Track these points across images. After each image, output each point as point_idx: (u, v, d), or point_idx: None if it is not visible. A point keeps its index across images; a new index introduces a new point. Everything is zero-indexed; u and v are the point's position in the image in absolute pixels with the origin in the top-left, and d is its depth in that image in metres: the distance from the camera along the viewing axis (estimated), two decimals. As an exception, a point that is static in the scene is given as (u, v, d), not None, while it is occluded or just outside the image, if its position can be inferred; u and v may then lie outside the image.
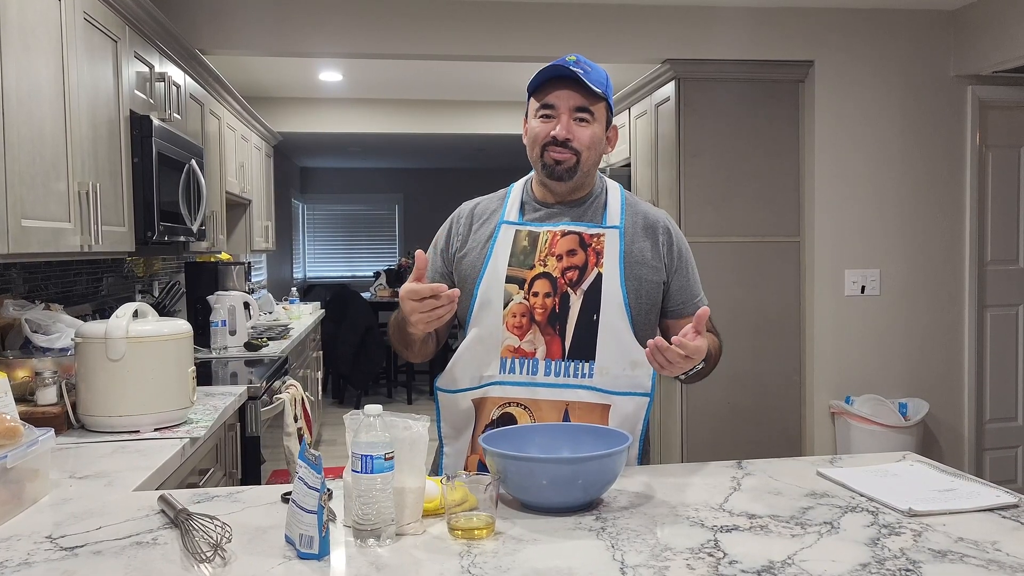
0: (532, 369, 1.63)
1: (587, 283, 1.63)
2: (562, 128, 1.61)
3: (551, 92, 1.62)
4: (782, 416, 4.04)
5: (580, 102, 1.62)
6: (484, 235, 1.71)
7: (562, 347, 1.62)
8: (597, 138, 1.65)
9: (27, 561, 1.18)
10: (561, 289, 1.63)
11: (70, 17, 2.17)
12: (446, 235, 1.77)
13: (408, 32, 3.72)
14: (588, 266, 1.64)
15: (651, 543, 1.20)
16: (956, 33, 3.93)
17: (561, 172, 1.63)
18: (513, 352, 1.63)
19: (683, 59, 3.86)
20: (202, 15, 3.60)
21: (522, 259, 1.65)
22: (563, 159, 1.62)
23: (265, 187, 5.71)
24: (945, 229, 3.99)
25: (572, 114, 1.62)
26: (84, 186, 2.21)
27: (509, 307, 1.64)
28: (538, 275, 1.64)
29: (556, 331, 1.63)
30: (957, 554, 1.16)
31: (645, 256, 1.69)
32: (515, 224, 1.69)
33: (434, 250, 1.77)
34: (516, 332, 1.63)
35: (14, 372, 2.08)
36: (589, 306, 1.62)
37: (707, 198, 3.94)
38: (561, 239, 1.66)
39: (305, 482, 1.16)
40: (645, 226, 1.72)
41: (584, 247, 1.65)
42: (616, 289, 1.63)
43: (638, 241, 1.69)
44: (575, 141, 1.62)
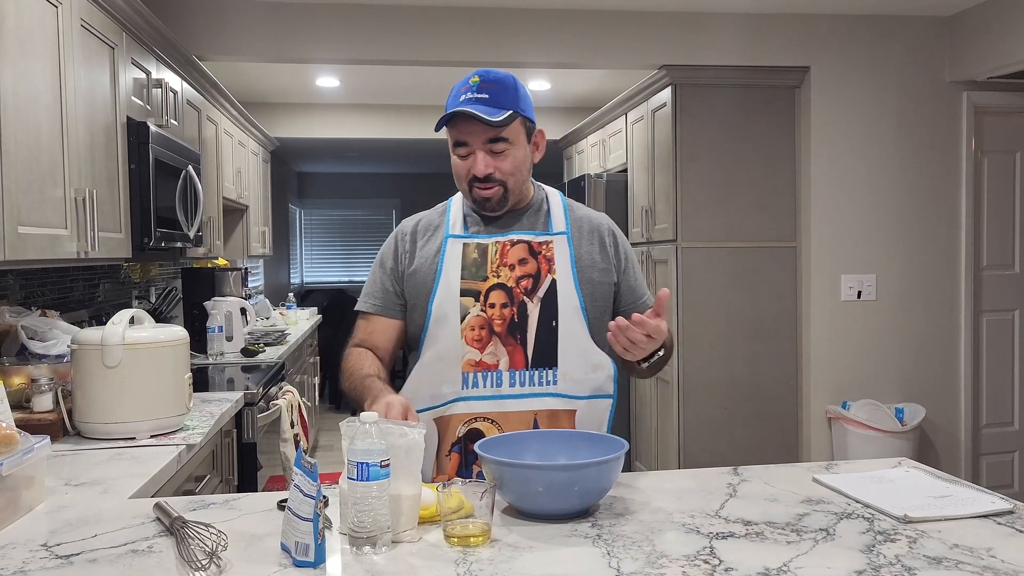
0: (496, 381, 1.61)
1: (542, 290, 1.63)
2: (480, 165, 1.59)
3: (460, 127, 1.60)
4: (779, 421, 4.04)
5: (490, 133, 1.58)
6: (431, 250, 1.68)
7: (525, 356, 1.61)
8: (519, 161, 1.63)
9: (22, 569, 1.17)
10: (517, 298, 1.62)
11: (67, 24, 2.17)
12: (392, 253, 1.73)
13: (405, 38, 3.73)
14: (541, 273, 1.63)
15: (647, 550, 1.20)
16: (951, 39, 3.94)
17: (492, 206, 1.63)
18: (475, 366, 1.61)
19: (679, 65, 3.87)
20: (199, 21, 3.60)
21: (474, 271, 1.63)
22: (490, 195, 1.62)
23: (262, 192, 5.71)
24: (941, 234, 4.00)
25: (486, 147, 1.59)
26: (81, 192, 2.21)
27: (466, 320, 1.61)
28: (493, 286, 1.62)
29: (517, 341, 1.61)
30: (952, 561, 1.16)
31: (595, 259, 1.69)
32: (462, 237, 1.66)
33: (382, 270, 1.73)
34: (476, 345, 1.61)
35: (10, 379, 2.07)
36: (547, 313, 1.62)
37: (704, 203, 3.94)
38: (512, 248, 1.64)
39: (301, 489, 1.16)
40: (590, 230, 1.72)
41: (534, 255, 1.64)
42: (571, 294, 1.63)
43: (585, 245, 1.70)
44: (497, 173, 1.60)
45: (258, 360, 3.63)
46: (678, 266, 3.94)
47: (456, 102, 1.59)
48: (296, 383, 4.16)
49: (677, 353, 3.95)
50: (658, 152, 4.13)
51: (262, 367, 3.45)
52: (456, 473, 1.61)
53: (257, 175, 5.45)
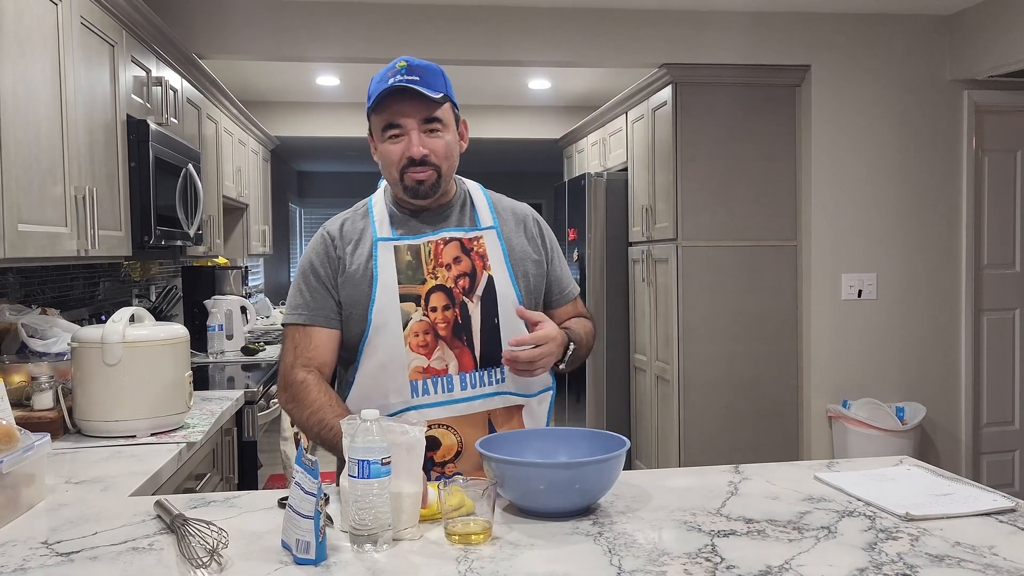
0: (447, 386, 1.56)
1: (480, 288, 1.59)
2: (416, 147, 1.54)
3: (393, 109, 1.55)
4: (779, 420, 4.04)
5: (426, 113, 1.55)
6: (362, 255, 1.60)
7: (473, 357, 1.58)
8: (452, 145, 1.60)
9: (23, 567, 1.17)
10: (458, 299, 1.58)
11: (67, 21, 2.16)
12: (324, 258, 1.62)
13: (405, 36, 3.72)
14: (477, 271, 1.60)
15: (648, 548, 1.20)
16: (952, 38, 3.94)
17: (425, 191, 1.58)
18: (423, 372, 1.55)
19: (680, 63, 3.86)
20: (199, 20, 3.60)
21: (411, 275, 1.57)
22: (424, 178, 1.56)
23: (262, 191, 5.70)
24: (942, 233, 4.00)
25: (421, 127, 1.55)
26: (81, 191, 2.21)
27: (409, 326, 1.55)
28: (432, 288, 1.57)
29: (464, 342, 1.57)
30: (954, 559, 1.16)
31: (526, 251, 1.68)
32: (391, 240, 1.60)
33: (315, 277, 1.61)
34: (422, 351, 1.55)
35: (10, 377, 2.07)
36: (488, 311, 1.59)
37: (704, 202, 3.94)
38: (445, 247, 1.60)
39: (302, 487, 1.16)
40: (516, 221, 1.70)
41: (467, 252, 1.61)
42: (509, 289, 1.61)
43: (515, 237, 1.68)
44: (432, 155, 1.56)
45: (258, 359, 3.63)
46: (678, 265, 3.94)
47: (385, 84, 1.54)
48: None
49: (678, 351, 3.95)
50: (658, 151, 4.13)
51: (262, 365, 3.44)
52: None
53: (257, 174, 5.45)
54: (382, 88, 1.54)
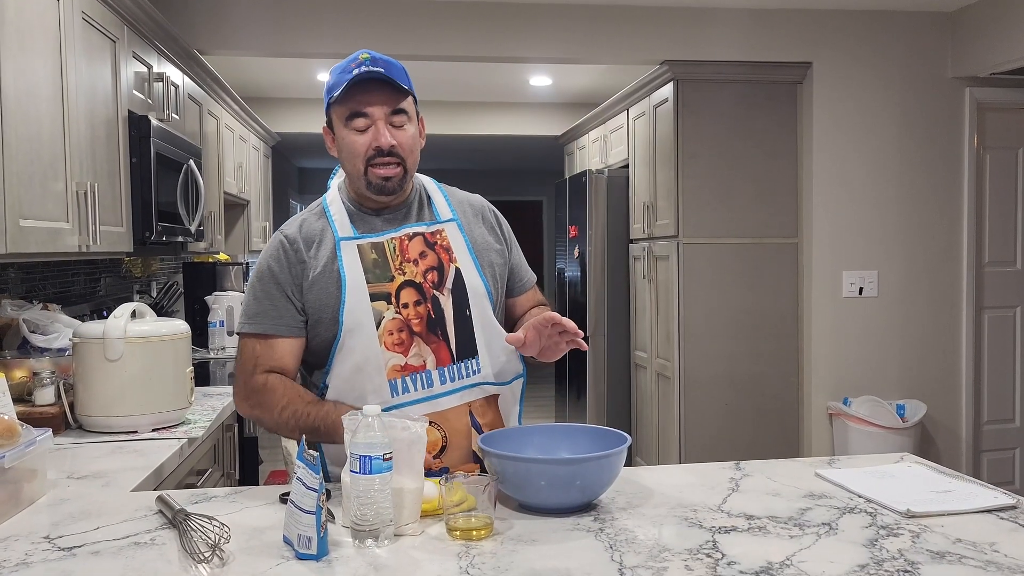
0: (427, 382, 1.53)
1: (450, 281, 1.58)
2: (384, 137, 1.51)
3: (359, 98, 1.51)
4: (780, 417, 4.04)
5: (393, 104, 1.53)
6: (324, 257, 1.55)
7: (449, 351, 1.56)
8: (415, 139, 1.58)
9: (25, 561, 1.17)
10: (428, 293, 1.56)
11: (68, 17, 2.16)
12: (284, 264, 1.56)
13: (405, 33, 3.72)
14: (443, 264, 1.59)
15: (649, 544, 1.20)
16: (954, 35, 3.94)
17: (392, 187, 1.55)
18: (401, 370, 1.52)
19: (681, 60, 3.86)
20: (201, 15, 3.59)
21: (378, 273, 1.54)
22: (392, 174, 1.53)
23: (263, 187, 5.70)
24: (943, 231, 4.00)
25: (388, 119, 1.53)
26: (82, 186, 2.21)
27: (383, 325, 1.52)
28: (402, 285, 1.55)
29: (439, 336, 1.55)
30: (955, 555, 1.16)
31: (488, 241, 1.67)
32: (354, 239, 1.56)
33: (273, 283, 1.55)
34: (398, 349, 1.52)
35: (12, 372, 2.08)
36: (459, 303, 1.58)
37: (705, 199, 3.94)
38: (410, 242, 1.58)
39: (303, 482, 1.16)
40: (474, 213, 1.70)
41: (431, 246, 1.59)
42: (477, 281, 1.60)
43: (475, 229, 1.67)
44: (399, 148, 1.53)
45: (259, 355, 3.62)
46: (679, 262, 3.93)
47: (349, 75, 1.51)
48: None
49: (679, 348, 3.95)
50: (660, 148, 4.13)
51: (263, 362, 3.44)
52: None
53: (258, 170, 5.45)
54: (347, 78, 1.51)
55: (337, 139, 1.58)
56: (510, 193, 9.92)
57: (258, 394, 1.53)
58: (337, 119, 1.56)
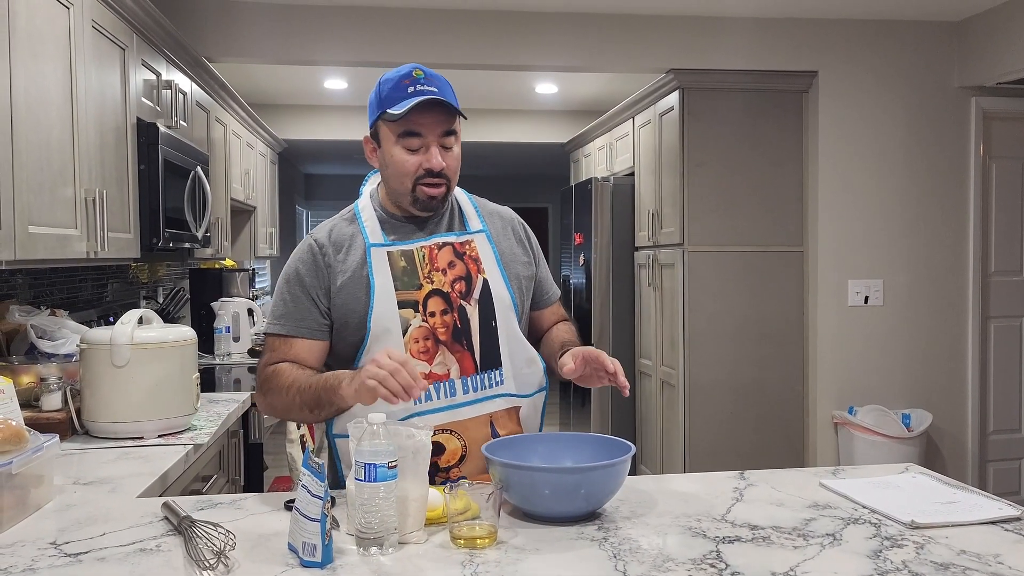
0: (450, 391, 1.55)
1: (477, 291, 1.59)
2: (437, 159, 1.54)
3: (414, 118, 1.52)
4: (785, 426, 4.04)
5: (447, 126, 1.55)
6: (354, 263, 1.57)
7: (473, 361, 1.57)
8: (460, 158, 1.61)
9: (31, 567, 1.18)
10: (456, 303, 1.57)
11: (78, 25, 2.18)
12: (311, 267, 1.59)
13: (413, 41, 3.74)
14: (471, 275, 1.60)
15: (653, 553, 1.20)
16: (960, 44, 3.94)
17: (436, 204, 1.58)
18: (425, 378, 1.49)
19: (687, 69, 3.87)
20: (209, 23, 3.62)
21: (406, 280, 1.56)
22: (437, 193, 1.56)
23: (270, 194, 5.72)
24: (949, 240, 3.99)
25: (439, 140, 1.55)
26: (91, 193, 2.22)
27: (409, 333, 1.53)
28: (430, 293, 1.56)
29: (464, 346, 1.56)
30: (959, 567, 1.16)
31: (516, 253, 1.69)
32: (384, 245, 1.58)
33: (300, 287, 1.58)
34: (423, 357, 1.54)
35: (19, 378, 2.08)
36: (485, 314, 1.59)
37: (711, 207, 3.94)
38: (439, 252, 1.59)
39: (308, 490, 1.17)
40: (503, 224, 1.71)
41: (459, 256, 1.61)
42: (504, 292, 1.61)
43: (504, 240, 1.68)
44: (447, 170, 1.56)
45: (265, 361, 3.63)
46: (684, 270, 3.94)
47: (406, 92, 1.52)
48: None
49: (683, 356, 3.95)
50: (665, 156, 4.13)
51: (269, 368, 3.45)
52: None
53: (265, 176, 5.47)
54: (404, 96, 1.52)
55: (384, 153, 1.59)
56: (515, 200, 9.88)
57: (269, 381, 1.56)
58: (387, 134, 1.57)
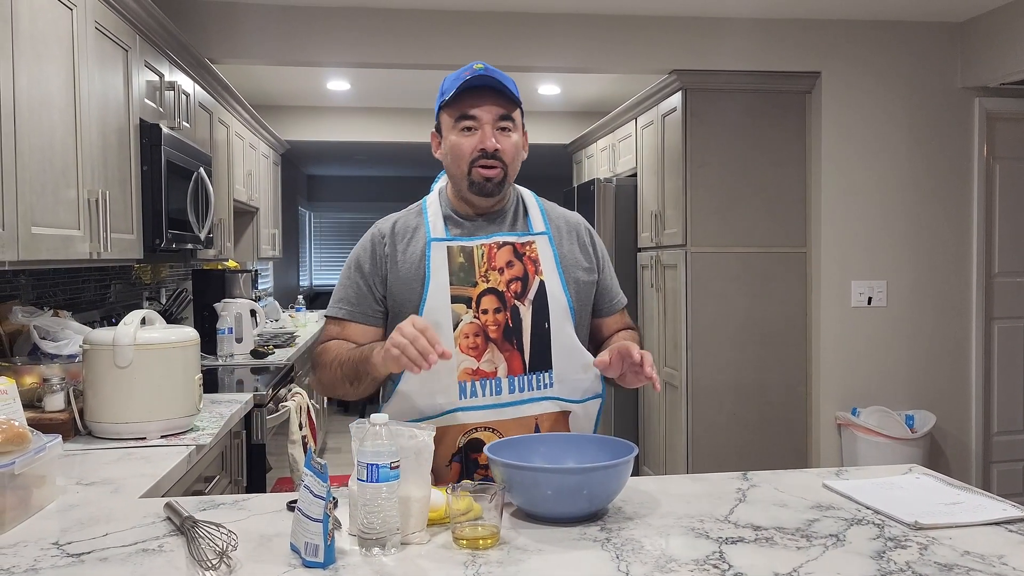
0: (496, 389, 1.56)
1: (532, 293, 1.60)
2: (490, 139, 1.57)
3: (470, 103, 1.57)
4: (788, 427, 4.03)
5: (502, 110, 1.58)
6: (414, 255, 1.61)
7: (522, 361, 1.58)
8: (519, 146, 1.63)
9: (34, 567, 1.18)
10: (509, 303, 1.58)
11: (81, 26, 2.18)
12: (370, 256, 1.65)
13: (416, 42, 3.74)
14: (529, 276, 1.61)
15: (656, 554, 1.20)
16: (963, 45, 3.93)
17: (491, 188, 1.59)
18: (472, 375, 1.55)
19: (690, 70, 3.87)
20: (212, 24, 3.62)
21: (462, 276, 1.58)
22: (493, 175, 1.58)
23: (272, 195, 5.73)
24: (952, 241, 3.99)
25: (495, 124, 1.58)
26: (94, 194, 2.22)
27: (460, 328, 1.56)
28: (484, 291, 1.58)
29: (514, 346, 1.57)
30: (963, 568, 1.15)
31: (577, 258, 1.69)
32: (445, 240, 1.61)
33: (359, 273, 1.64)
34: (472, 353, 1.55)
35: (22, 378, 2.09)
36: (539, 316, 1.59)
37: (713, 208, 3.94)
38: (498, 251, 1.61)
39: (311, 490, 1.16)
40: (568, 229, 1.71)
41: (519, 257, 1.61)
42: (560, 295, 1.62)
43: (566, 244, 1.69)
44: (502, 152, 1.58)
45: (267, 362, 3.64)
46: (687, 271, 3.93)
47: (462, 79, 1.57)
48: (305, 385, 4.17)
49: (686, 357, 3.95)
50: (668, 157, 4.13)
51: (271, 369, 3.46)
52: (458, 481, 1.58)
53: (267, 178, 5.47)
54: (460, 82, 1.57)
55: (444, 141, 1.64)
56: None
57: (319, 357, 1.63)
58: (446, 122, 1.62)
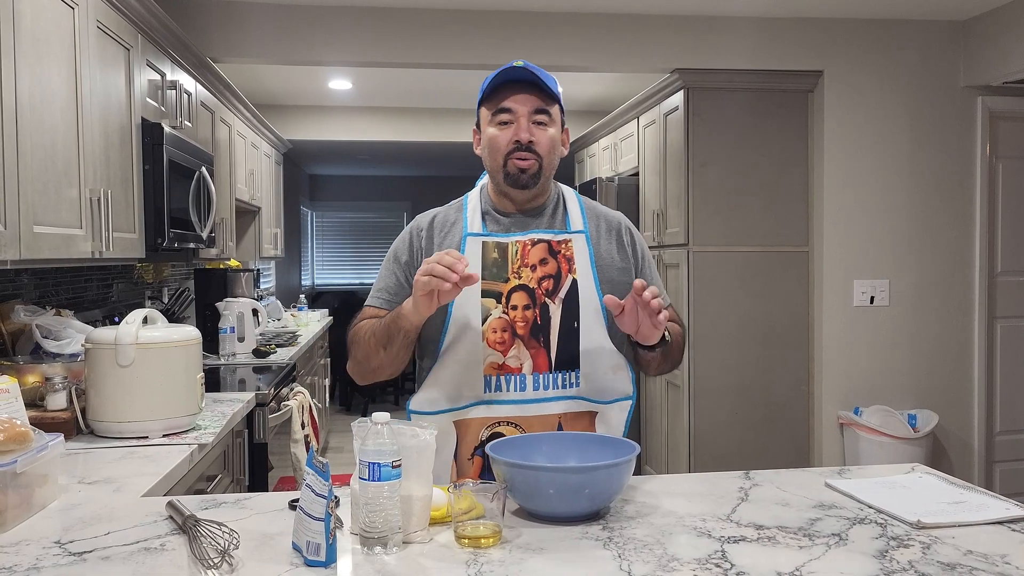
0: (520, 385, 1.58)
1: (563, 291, 1.60)
2: (524, 131, 1.58)
3: (507, 97, 1.59)
4: (790, 426, 4.03)
5: (537, 104, 1.59)
6: (449, 248, 1.60)
7: (548, 359, 1.59)
8: (555, 140, 1.64)
9: (36, 566, 1.18)
10: (540, 300, 1.59)
11: (83, 25, 2.18)
12: (408, 248, 1.68)
13: (417, 41, 3.74)
14: (562, 274, 1.61)
15: (658, 553, 1.20)
16: (966, 44, 3.93)
17: (526, 180, 1.60)
18: (498, 369, 1.57)
19: (692, 69, 3.86)
20: (213, 23, 3.62)
21: (495, 272, 1.60)
22: (527, 166, 1.59)
23: (274, 194, 5.73)
24: (955, 240, 3.98)
25: (531, 117, 1.59)
26: (95, 193, 2.22)
27: (488, 322, 1.58)
28: (515, 287, 1.59)
29: (541, 343, 1.58)
30: (966, 567, 1.15)
31: (613, 258, 1.68)
32: (481, 236, 1.63)
33: (396, 264, 1.68)
34: (499, 348, 1.57)
35: (24, 377, 2.09)
36: (568, 314, 1.60)
37: (716, 208, 3.94)
38: (532, 248, 1.62)
39: (313, 489, 1.16)
40: (608, 228, 1.71)
41: (554, 255, 1.62)
42: (592, 295, 1.61)
43: (604, 244, 1.68)
44: (537, 145, 1.59)
45: (269, 361, 3.64)
46: (689, 270, 3.93)
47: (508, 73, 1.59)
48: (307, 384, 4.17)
49: (688, 356, 3.94)
50: (670, 156, 4.13)
51: (273, 368, 3.46)
52: (479, 477, 1.58)
53: (269, 177, 5.47)
54: (501, 74, 1.58)
55: (482, 136, 1.66)
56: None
57: (352, 337, 1.65)
58: (484, 116, 1.64)
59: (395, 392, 7.32)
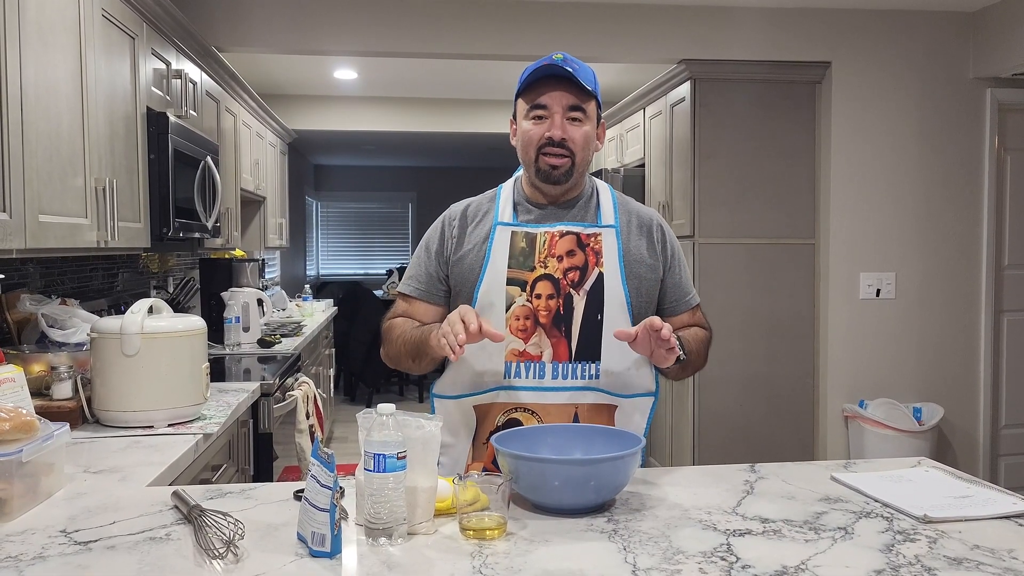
0: (539, 373, 1.61)
1: (589, 283, 1.62)
2: (557, 128, 1.58)
3: (542, 92, 1.60)
4: (795, 419, 4.02)
5: (573, 100, 1.59)
6: (479, 237, 1.67)
7: (569, 349, 1.61)
8: (590, 137, 1.64)
9: (41, 555, 1.18)
10: (564, 290, 1.61)
11: (88, 14, 2.18)
12: (439, 237, 1.71)
13: (423, 31, 3.73)
14: (588, 266, 1.62)
15: (663, 546, 1.20)
16: (975, 35, 3.90)
17: (558, 176, 1.61)
18: (518, 356, 1.60)
19: (699, 59, 3.84)
20: (219, 12, 3.61)
21: (521, 261, 1.62)
22: (559, 163, 1.60)
23: (279, 184, 5.73)
24: (962, 232, 3.96)
25: (565, 113, 1.59)
26: (101, 182, 2.22)
27: (512, 310, 1.60)
28: (540, 277, 1.61)
29: (562, 333, 1.60)
30: (973, 562, 1.15)
31: (642, 254, 1.68)
32: (511, 225, 1.65)
33: (427, 253, 1.71)
34: (521, 335, 1.60)
35: (30, 366, 2.09)
36: (592, 306, 1.61)
37: (722, 199, 3.92)
38: (560, 240, 1.63)
39: (318, 480, 1.16)
40: (639, 224, 1.71)
41: (582, 247, 1.63)
42: (618, 288, 1.62)
43: (634, 239, 1.69)
44: (570, 142, 1.60)
45: (274, 351, 3.64)
46: (695, 262, 3.92)
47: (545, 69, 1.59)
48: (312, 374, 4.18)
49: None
50: (676, 147, 4.11)
51: (278, 358, 3.46)
52: (492, 461, 1.58)
53: (274, 167, 5.47)
54: (538, 69, 1.59)
55: (517, 129, 1.67)
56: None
57: (386, 333, 1.72)
58: (520, 109, 1.65)
59: (399, 383, 7.33)
